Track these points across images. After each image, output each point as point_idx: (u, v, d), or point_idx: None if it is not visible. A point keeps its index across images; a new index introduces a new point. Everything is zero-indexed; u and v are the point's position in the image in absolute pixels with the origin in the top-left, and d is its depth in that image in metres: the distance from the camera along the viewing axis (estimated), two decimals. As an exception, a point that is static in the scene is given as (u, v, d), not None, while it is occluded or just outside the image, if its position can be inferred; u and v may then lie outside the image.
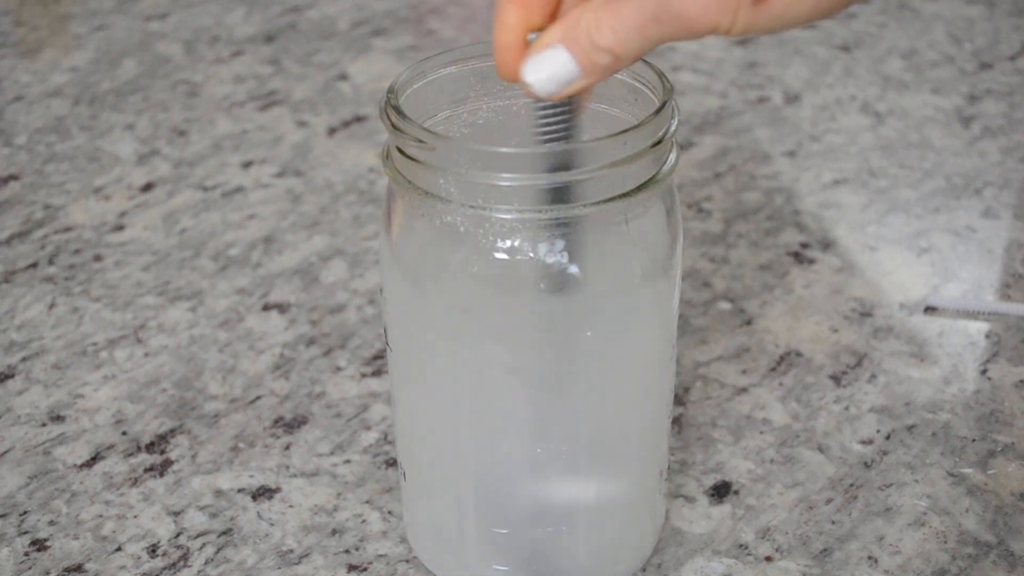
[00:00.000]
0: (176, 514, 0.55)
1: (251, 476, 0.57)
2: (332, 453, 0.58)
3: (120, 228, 0.75)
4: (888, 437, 0.59)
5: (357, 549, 0.53)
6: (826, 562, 0.52)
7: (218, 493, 0.56)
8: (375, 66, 0.94)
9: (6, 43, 0.99)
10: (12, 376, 0.64)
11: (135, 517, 0.55)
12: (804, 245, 0.72)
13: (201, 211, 0.77)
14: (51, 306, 0.69)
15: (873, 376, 0.62)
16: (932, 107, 0.87)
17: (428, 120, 0.47)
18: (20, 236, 0.75)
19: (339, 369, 0.64)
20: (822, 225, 0.74)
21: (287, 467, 0.58)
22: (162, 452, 0.59)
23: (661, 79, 0.45)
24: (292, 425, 0.60)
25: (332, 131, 0.86)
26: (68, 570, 0.53)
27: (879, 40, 0.97)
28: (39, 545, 0.54)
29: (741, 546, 0.53)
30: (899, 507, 0.55)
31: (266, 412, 0.61)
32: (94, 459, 0.58)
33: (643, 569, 0.52)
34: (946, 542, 0.53)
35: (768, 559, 0.53)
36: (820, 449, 0.58)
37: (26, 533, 0.54)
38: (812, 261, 0.71)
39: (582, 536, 0.49)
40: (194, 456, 0.58)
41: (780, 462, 0.58)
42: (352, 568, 0.53)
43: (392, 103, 0.44)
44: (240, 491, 0.56)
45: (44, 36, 1.01)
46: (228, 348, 0.65)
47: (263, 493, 0.56)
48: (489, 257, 0.43)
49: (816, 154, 0.82)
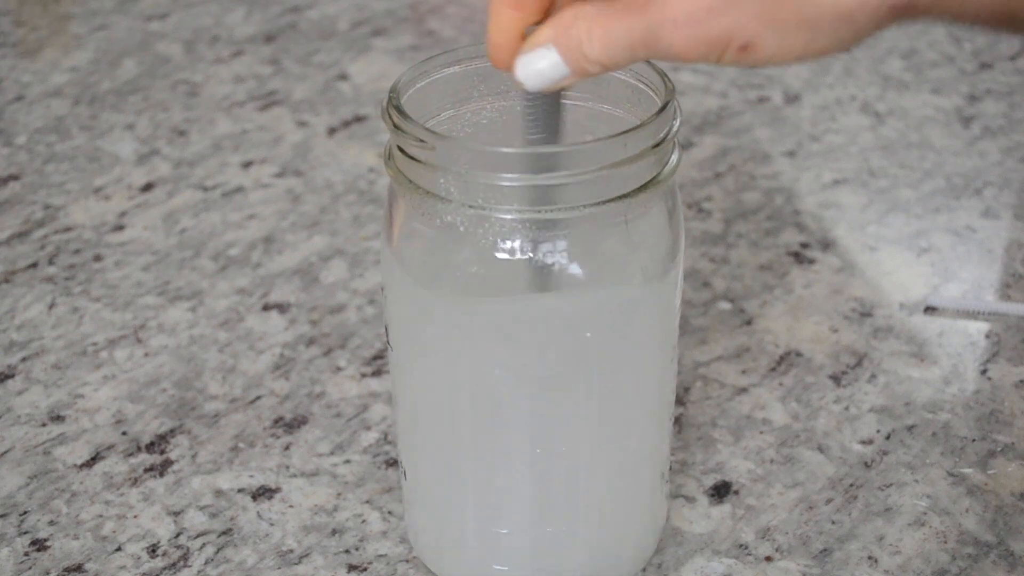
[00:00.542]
0: (176, 514, 0.55)
1: (251, 476, 0.57)
2: (332, 453, 0.58)
3: (120, 228, 0.75)
4: (888, 437, 0.59)
5: (357, 549, 0.53)
6: (826, 562, 0.52)
7: (218, 493, 0.56)
8: (375, 66, 0.94)
9: (6, 43, 0.99)
10: (12, 376, 0.64)
11: (135, 517, 0.55)
12: (804, 245, 0.72)
13: (201, 211, 0.77)
14: (51, 306, 0.69)
15: (873, 376, 0.62)
16: (932, 107, 0.87)
17: (431, 120, 0.47)
18: (20, 236, 0.75)
19: (339, 369, 0.64)
20: (822, 225, 0.74)
21: (287, 467, 0.58)
22: (162, 452, 0.59)
23: (663, 79, 0.45)
24: (292, 425, 0.60)
25: (332, 131, 0.86)
26: (68, 570, 0.53)
27: (879, 40, 0.97)
28: (39, 545, 0.54)
29: (741, 546, 0.53)
30: (899, 507, 0.55)
31: (266, 412, 0.61)
32: (94, 459, 0.58)
33: (643, 569, 0.52)
34: (946, 542, 0.53)
35: (768, 559, 0.53)
36: (820, 449, 0.58)
37: (26, 533, 0.54)
38: (812, 261, 0.71)
39: (582, 537, 0.49)
40: (194, 456, 0.58)
41: (780, 462, 0.58)
42: (352, 568, 0.53)
43: (394, 103, 0.44)
44: (240, 491, 0.56)
45: (44, 36, 1.01)
46: (228, 348, 0.65)
47: (263, 493, 0.56)
48: (490, 257, 0.43)
49: (816, 154, 0.82)
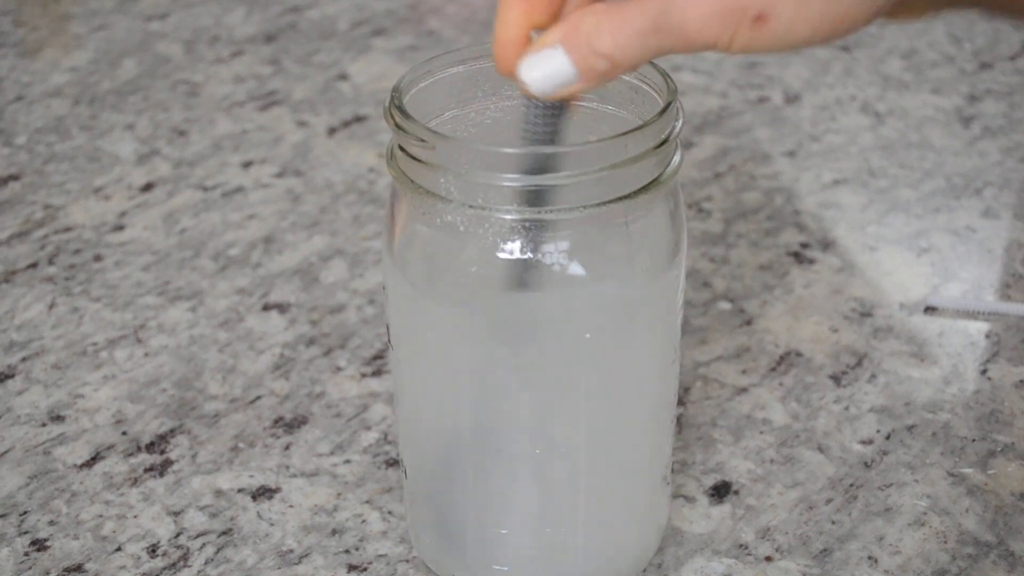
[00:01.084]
0: (176, 514, 0.55)
1: (251, 476, 0.57)
2: (332, 453, 0.58)
3: (120, 228, 0.75)
4: (888, 437, 0.59)
5: (357, 549, 0.53)
6: (826, 562, 0.52)
7: (218, 493, 0.56)
8: (375, 66, 0.94)
9: (6, 43, 0.99)
10: (12, 376, 0.64)
11: (135, 517, 0.55)
12: (804, 245, 0.72)
13: (201, 211, 0.77)
14: (51, 306, 0.69)
15: (873, 376, 0.62)
16: (932, 107, 0.87)
17: (434, 120, 0.47)
18: (20, 236, 0.75)
19: (339, 369, 0.64)
20: (822, 225, 0.74)
21: (287, 467, 0.58)
22: (162, 452, 0.59)
23: (665, 79, 0.45)
24: (292, 425, 0.60)
25: (332, 131, 0.86)
26: (68, 570, 0.53)
27: (879, 40, 0.97)
28: (39, 545, 0.54)
29: (741, 546, 0.53)
30: (899, 507, 0.55)
31: (266, 412, 0.61)
32: (94, 459, 0.58)
33: (643, 569, 0.52)
34: (946, 542, 0.53)
35: (768, 559, 0.53)
36: (820, 449, 0.58)
37: (26, 533, 0.54)
38: (812, 261, 0.71)
39: (583, 538, 0.49)
40: (194, 456, 0.58)
41: (780, 462, 0.58)
42: (352, 568, 0.53)
43: (396, 102, 0.44)
44: (240, 491, 0.56)
45: (44, 36, 1.01)
46: (228, 348, 0.65)
47: (263, 493, 0.56)
48: (490, 257, 0.43)
49: (816, 154, 0.82)
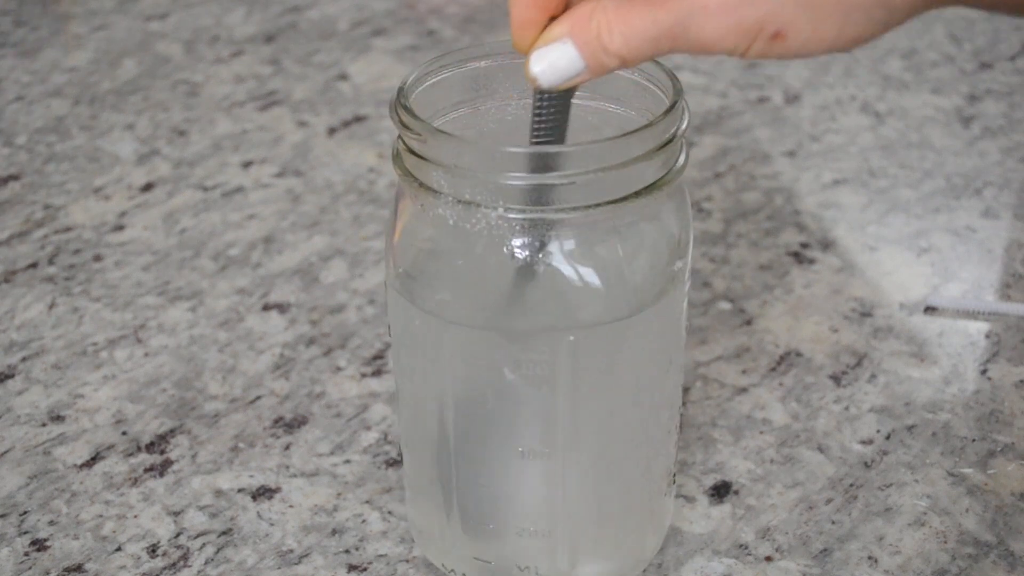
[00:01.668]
0: (176, 514, 0.55)
1: (251, 476, 0.57)
2: (332, 453, 0.58)
3: (120, 228, 0.75)
4: (888, 437, 0.59)
5: (357, 549, 0.53)
6: (826, 562, 0.52)
7: (218, 493, 0.56)
8: (375, 66, 0.94)
9: (6, 43, 0.99)
10: (12, 376, 0.64)
11: (135, 517, 0.55)
12: (804, 245, 0.72)
13: (201, 211, 0.77)
14: (51, 306, 0.69)
15: (873, 376, 0.62)
16: (932, 107, 0.87)
17: (441, 119, 0.47)
18: (20, 236, 0.75)
19: (339, 369, 0.64)
20: (822, 225, 0.74)
21: (287, 467, 0.58)
22: (162, 452, 0.59)
23: (671, 79, 0.45)
24: (292, 425, 0.60)
25: (332, 131, 0.86)
26: (68, 570, 0.53)
27: (879, 40, 0.97)
28: (39, 545, 0.54)
29: (741, 546, 0.53)
30: (899, 507, 0.55)
31: (266, 412, 0.61)
32: (94, 459, 0.58)
33: (643, 569, 0.52)
34: (946, 542, 0.53)
35: (768, 559, 0.53)
36: (820, 449, 0.58)
37: (26, 533, 0.54)
38: (812, 261, 0.71)
39: (583, 537, 0.49)
40: (194, 456, 0.58)
41: (780, 462, 0.57)
42: (352, 568, 0.53)
43: (402, 101, 0.44)
44: (240, 491, 0.56)
45: (44, 36, 1.01)
46: (228, 348, 0.65)
47: (263, 493, 0.56)
48: (493, 257, 0.43)
49: (816, 154, 0.82)
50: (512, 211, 0.42)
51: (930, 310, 0.67)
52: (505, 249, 0.43)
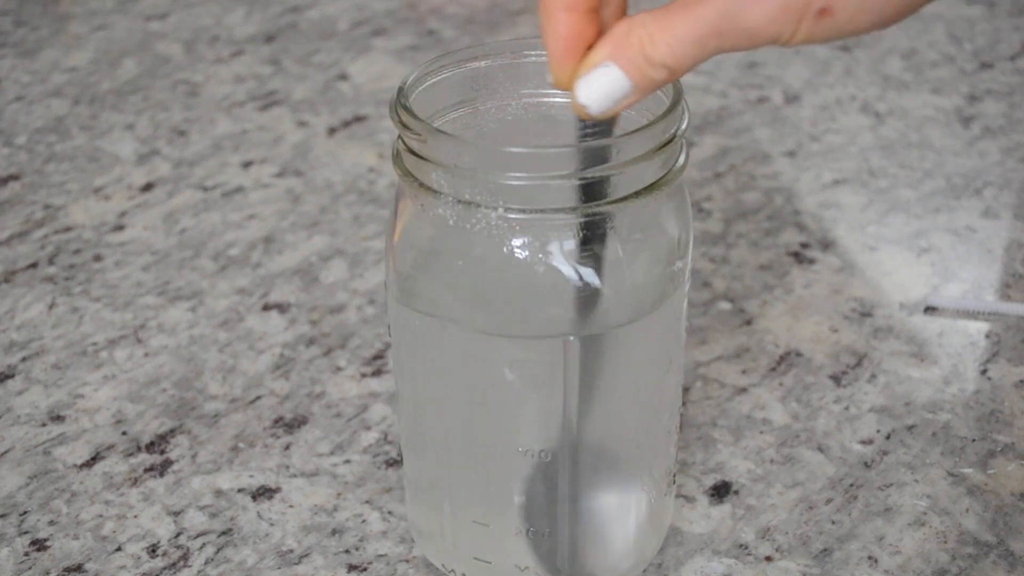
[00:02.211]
0: (176, 514, 0.55)
1: (251, 476, 0.57)
2: (332, 453, 0.58)
3: (120, 228, 0.75)
4: (888, 437, 0.59)
5: (357, 549, 0.53)
6: (826, 562, 0.52)
7: (218, 493, 0.56)
8: (375, 66, 0.94)
9: (6, 43, 0.99)
10: (12, 376, 0.64)
11: (135, 517, 0.55)
12: (804, 245, 0.72)
13: (201, 211, 0.77)
14: (51, 306, 0.69)
15: (873, 376, 0.62)
16: (932, 107, 0.87)
17: (440, 119, 0.47)
18: (20, 236, 0.75)
19: (339, 369, 0.64)
20: (822, 225, 0.74)
21: (287, 467, 0.58)
22: (162, 452, 0.59)
23: None
24: (292, 425, 0.60)
25: (332, 131, 0.86)
26: (68, 570, 0.53)
27: (879, 40, 0.97)
28: (39, 545, 0.54)
29: (741, 546, 0.53)
30: (899, 507, 0.55)
31: (266, 412, 0.61)
32: (94, 459, 0.58)
33: (643, 569, 0.52)
34: (946, 542, 0.53)
35: (768, 559, 0.53)
36: (820, 449, 0.58)
37: (26, 533, 0.54)
38: (812, 261, 0.71)
39: (583, 537, 0.49)
40: (194, 456, 0.58)
41: (780, 462, 0.58)
42: (352, 568, 0.53)
43: (402, 101, 0.44)
44: (240, 491, 0.56)
45: (44, 36, 1.01)
46: (228, 348, 0.65)
47: (263, 493, 0.56)
48: (492, 257, 0.43)
49: (816, 154, 0.82)
50: (512, 211, 0.42)
51: (930, 310, 0.67)
52: (505, 249, 0.43)
